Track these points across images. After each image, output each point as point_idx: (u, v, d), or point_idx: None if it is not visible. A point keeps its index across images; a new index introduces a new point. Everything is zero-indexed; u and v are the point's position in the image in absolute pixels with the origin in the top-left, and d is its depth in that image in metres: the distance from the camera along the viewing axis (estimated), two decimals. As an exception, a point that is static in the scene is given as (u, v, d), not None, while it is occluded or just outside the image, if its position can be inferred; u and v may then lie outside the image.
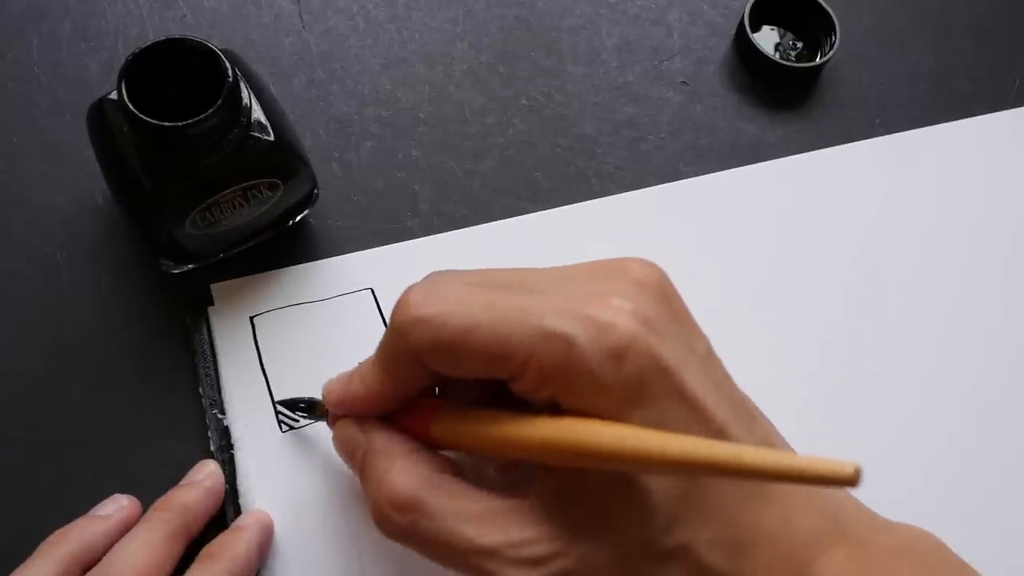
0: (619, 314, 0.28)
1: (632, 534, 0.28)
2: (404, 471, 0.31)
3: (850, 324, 0.42)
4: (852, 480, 0.23)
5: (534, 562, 0.29)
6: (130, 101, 0.33)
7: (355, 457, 0.33)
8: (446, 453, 0.33)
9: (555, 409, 0.29)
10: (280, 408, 0.38)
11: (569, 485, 0.29)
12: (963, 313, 0.43)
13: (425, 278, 0.31)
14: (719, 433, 0.28)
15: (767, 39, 0.48)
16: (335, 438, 0.34)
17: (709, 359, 0.30)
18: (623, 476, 0.28)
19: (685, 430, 0.27)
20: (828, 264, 0.44)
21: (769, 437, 0.31)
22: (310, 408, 0.37)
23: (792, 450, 0.32)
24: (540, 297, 0.29)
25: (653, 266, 0.30)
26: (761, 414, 0.31)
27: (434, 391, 0.34)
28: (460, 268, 0.32)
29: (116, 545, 0.34)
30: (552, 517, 0.29)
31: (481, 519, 0.30)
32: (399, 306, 0.30)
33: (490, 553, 0.29)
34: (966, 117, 0.48)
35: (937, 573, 0.30)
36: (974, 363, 0.42)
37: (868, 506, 0.31)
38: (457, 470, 0.32)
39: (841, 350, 0.42)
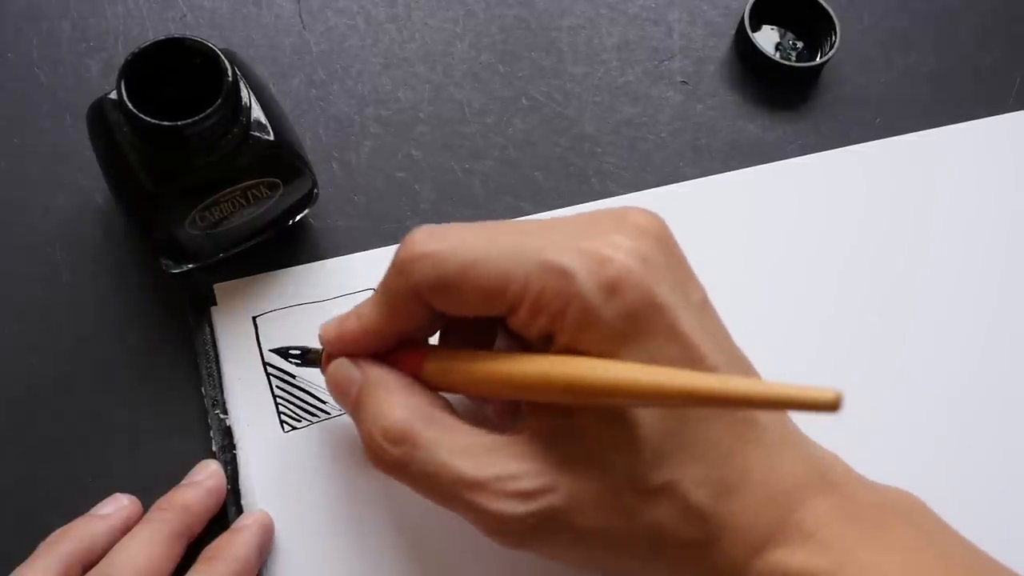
0: (617, 250, 0.28)
1: (620, 470, 0.29)
2: (399, 403, 0.31)
3: (849, 325, 0.42)
4: (833, 405, 0.24)
5: (522, 495, 0.29)
6: (130, 101, 0.33)
7: (349, 394, 0.33)
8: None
9: (548, 347, 0.29)
10: (270, 358, 0.39)
11: (559, 422, 0.30)
12: (962, 315, 0.43)
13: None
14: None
15: (767, 39, 0.48)
16: (328, 376, 0.34)
17: (704, 307, 0.31)
18: (612, 413, 0.29)
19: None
20: (828, 266, 0.44)
21: None
22: (303, 355, 0.37)
23: None
24: (540, 235, 0.30)
25: (654, 215, 0.31)
26: (753, 367, 0.32)
27: (426, 339, 0.34)
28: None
29: (117, 545, 0.34)
30: (542, 453, 0.29)
31: (472, 452, 0.30)
32: (403, 244, 0.31)
33: (479, 485, 0.29)
34: (966, 117, 0.48)
35: (921, 530, 0.30)
36: (973, 365, 0.42)
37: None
38: (451, 408, 0.32)
39: (840, 351, 0.42)
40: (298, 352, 0.37)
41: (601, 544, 0.30)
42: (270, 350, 0.39)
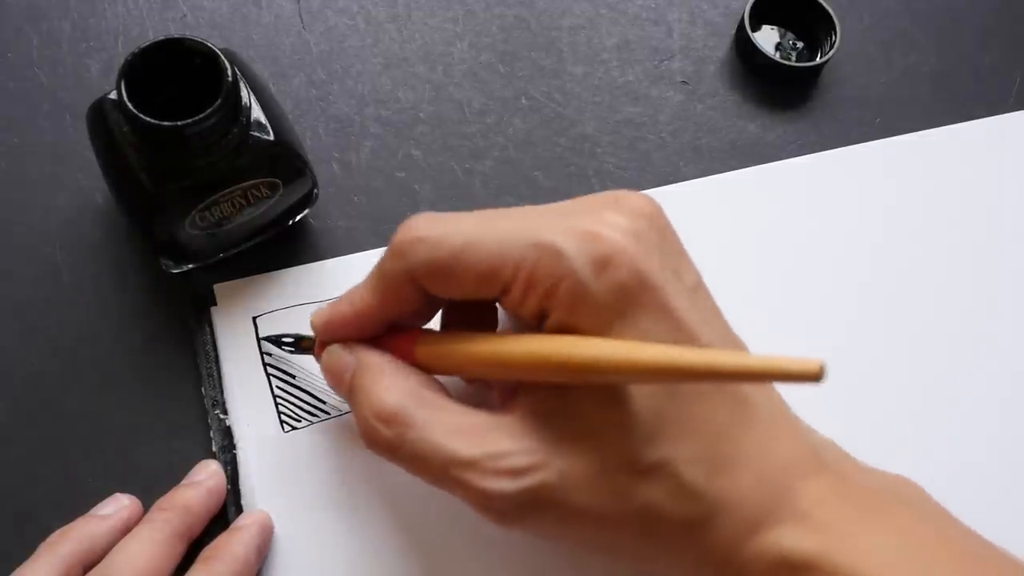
0: (609, 227, 0.29)
1: (613, 448, 0.29)
2: (392, 384, 0.32)
3: (849, 325, 0.42)
4: (816, 375, 0.24)
5: (513, 473, 0.29)
6: (130, 101, 0.33)
7: (343, 380, 0.33)
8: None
9: (541, 327, 0.30)
10: (267, 348, 0.39)
11: (552, 401, 0.30)
12: (962, 315, 0.43)
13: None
14: None
15: (767, 39, 0.48)
16: (323, 363, 0.35)
17: (698, 289, 0.31)
18: (606, 392, 0.29)
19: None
20: (829, 266, 0.44)
21: None
22: (296, 343, 0.38)
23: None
24: (535, 218, 0.31)
25: (649, 198, 0.31)
26: (747, 349, 0.32)
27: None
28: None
29: (117, 545, 0.34)
30: (534, 432, 0.30)
31: (464, 432, 0.30)
32: (401, 229, 0.32)
33: (470, 464, 0.30)
34: (967, 117, 0.48)
35: (919, 513, 0.30)
36: (972, 364, 0.42)
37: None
38: (445, 390, 0.33)
39: (840, 350, 0.42)
40: (291, 340, 0.38)
41: (593, 523, 0.30)
42: (263, 338, 0.39)
